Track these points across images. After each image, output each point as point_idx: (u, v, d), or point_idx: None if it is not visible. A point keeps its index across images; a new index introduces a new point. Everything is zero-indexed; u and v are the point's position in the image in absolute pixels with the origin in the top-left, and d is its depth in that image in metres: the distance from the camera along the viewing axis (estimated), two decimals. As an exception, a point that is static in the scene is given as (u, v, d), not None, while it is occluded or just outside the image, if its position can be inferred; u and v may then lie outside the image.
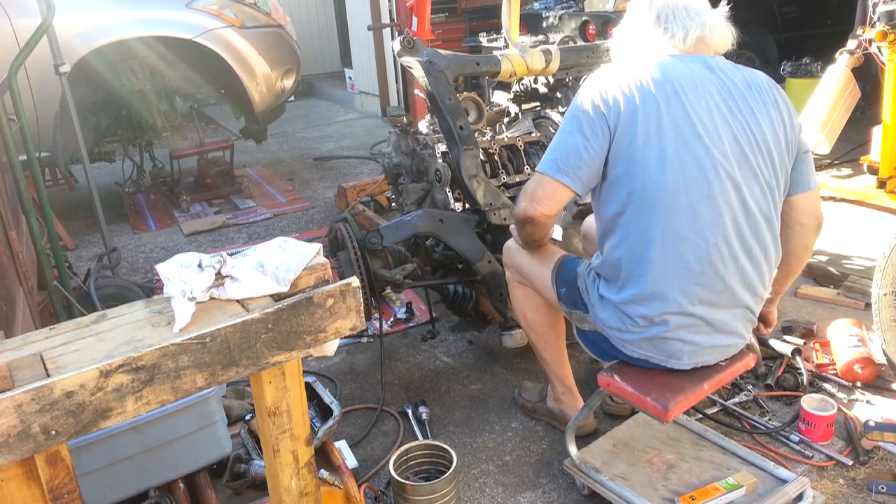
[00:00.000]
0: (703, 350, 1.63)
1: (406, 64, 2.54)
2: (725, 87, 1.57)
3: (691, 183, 1.51)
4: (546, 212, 1.65)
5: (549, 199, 1.63)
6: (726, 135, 1.53)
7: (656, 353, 1.64)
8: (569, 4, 6.00)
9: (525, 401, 2.28)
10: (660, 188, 1.51)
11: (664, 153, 1.50)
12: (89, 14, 3.95)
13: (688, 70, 1.56)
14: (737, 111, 1.55)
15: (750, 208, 1.55)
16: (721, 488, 1.74)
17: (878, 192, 3.69)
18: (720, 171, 1.51)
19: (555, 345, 2.04)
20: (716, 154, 1.51)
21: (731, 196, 1.53)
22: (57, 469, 0.93)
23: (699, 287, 1.56)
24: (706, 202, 1.51)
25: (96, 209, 3.24)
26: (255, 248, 1.15)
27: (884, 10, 3.36)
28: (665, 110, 1.51)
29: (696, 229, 1.52)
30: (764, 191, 1.57)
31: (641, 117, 1.51)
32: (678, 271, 1.55)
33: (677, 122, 1.51)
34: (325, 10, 9.69)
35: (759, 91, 1.60)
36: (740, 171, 1.53)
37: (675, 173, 1.50)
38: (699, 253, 1.54)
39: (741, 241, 1.56)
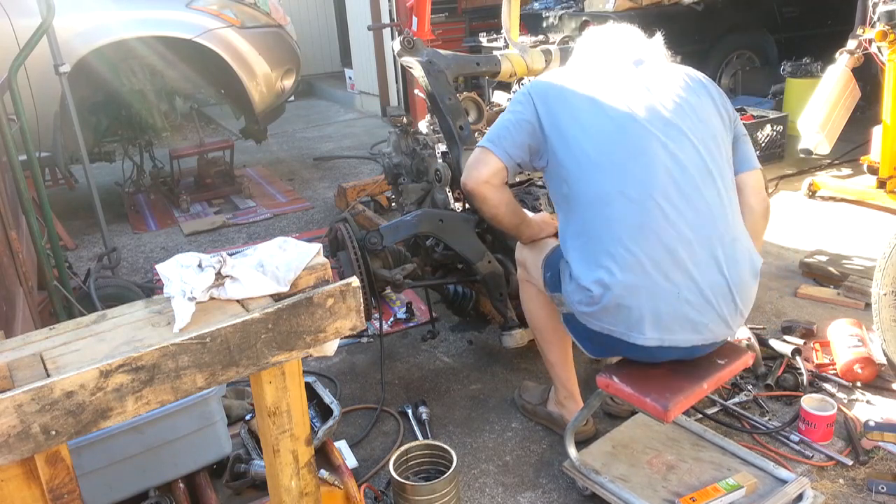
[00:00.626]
0: (668, 322, 1.58)
1: (406, 64, 2.54)
2: (650, 72, 1.74)
3: (615, 144, 1.63)
4: (475, 176, 1.77)
5: (476, 164, 1.79)
6: (651, 105, 1.66)
7: (616, 324, 1.62)
8: (569, 4, 6.00)
9: (525, 402, 2.28)
10: (585, 153, 1.65)
11: (587, 124, 1.67)
12: (89, 14, 3.95)
13: (611, 62, 1.79)
14: (662, 88, 1.70)
15: (683, 163, 1.61)
16: (721, 489, 1.74)
17: (878, 192, 3.69)
18: (643, 131, 1.62)
19: (559, 346, 2.04)
20: (637, 114, 1.64)
21: (659, 152, 1.61)
22: (57, 469, 0.93)
23: (643, 241, 1.58)
24: (633, 160, 1.61)
25: (96, 209, 3.24)
26: (255, 248, 1.15)
27: (884, 10, 3.36)
28: (587, 91, 1.70)
29: (626, 185, 1.60)
30: (697, 148, 1.64)
31: (565, 97, 1.71)
32: (617, 226, 1.59)
33: (599, 98, 1.68)
34: (325, 10, 9.69)
35: (686, 76, 1.75)
36: (666, 131, 1.63)
37: (597, 139, 1.65)
38: (635, 206, 1.59)
39: (681, 194, 1.60)
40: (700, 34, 5.44)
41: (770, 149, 4.61)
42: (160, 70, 4.43)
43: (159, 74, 4.48)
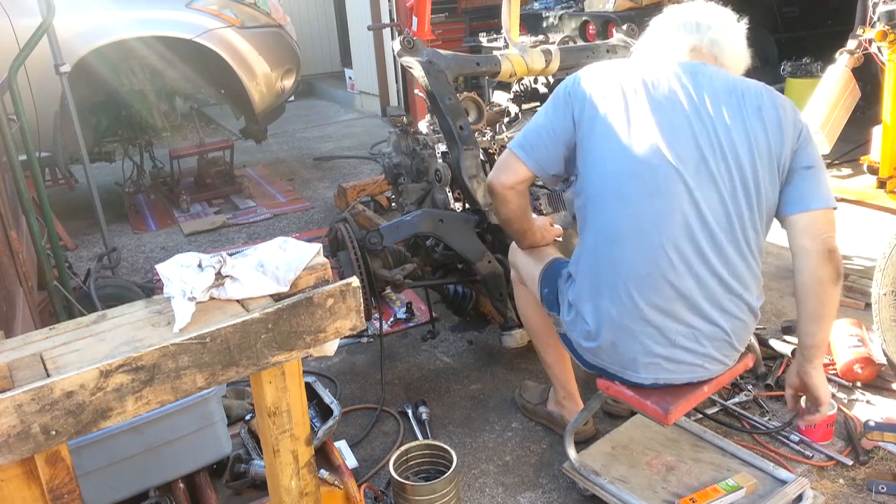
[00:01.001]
0: (663, 364, 1.57)
1: (406, 64, 2.54)
2: (700, 90, 1.52)
3: (637, 178, 1.50)
4: (503, 180, 1.69)
5: (505, 168, 1.69)
6: (686, 137, 1.48)
7: (611, 362, 1.62)
8: (569, 4, 6.00)
9: (525, 402, 2.28)
10: (606, 181, 1.54)
11: (615, 146, 1.52)
12: (89, 14, 3.95)
13: (665, 71, 1.55)
14: (705, 116, 1.50)
15: (705, 216, 1.48)
16: (721, 490, 1.74)
17: (878, 192, 3.68)
18: (670, 171, 1.47)
19: (556, 347, 2.02)
20: (668, 153, 1.48)
21: (681, 199, 1.47)
22: (57, 469, 0.93)
23: (647, 289, 1.51)
24: (652, 201, 1.49)
25: (96, 209, 3.24)
26: (255, 248, 1.15)
27: (884, 10, 3.36)
28: (626, 106, 1.52)
29: (640, 228, 1.50)
30: (724, 201, 1.48)
31: (602, 110, 1.54)
32: (623, 269, 1.53)
33: (635, 118, 1.51)
34: (325, 10, 9.69)
35: (741, 98, 1.52)
36: (696, 176, 1.48)
37: (621, 167, 1.51)
38: (644, 253, 1.50)
39: (696, 249, 1.49)
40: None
41: (770, 149, 4.60)
42: (160, 70, 4.43)
43: (159, 74, 4.48)
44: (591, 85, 1.58)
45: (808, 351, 1.58)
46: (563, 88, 1.64)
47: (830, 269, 1.49)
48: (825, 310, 1.53)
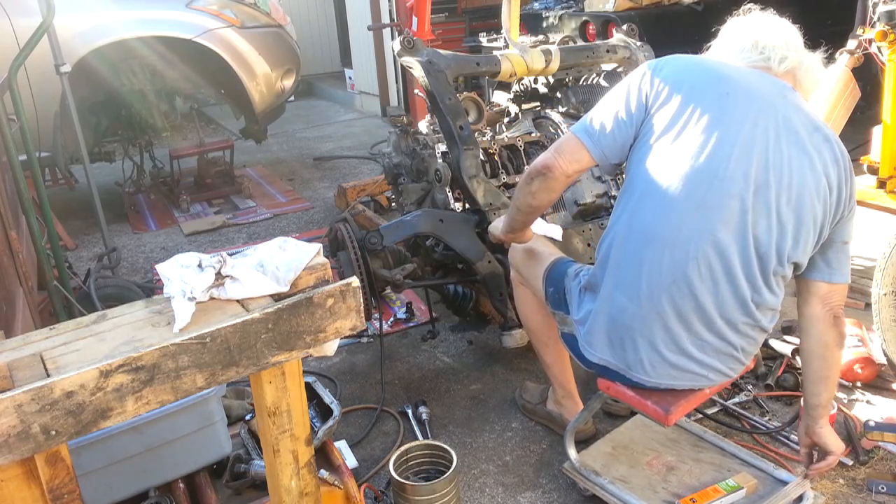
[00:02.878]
0: (669, 369, 1.56)
1: (406, 64, 2.53)
2: (787, 117, 1.45)
3: (691, 187, 1.43)
4: (564, 165, 1.58)
5: (569, 155, 1.58)
6: (759, 156, 1.42)
7: (617, 359, 1.60)
8: (569, 4, 5.99)
9: (525, 402, 2.28)
10: (657, 182, 1.47)
11: (680, 148, 1.44)
12: (89, 14, 3.95)
13: (756, 83, 1.48)
14: (784, 143, 1.43)
15: (748, 241, 1.44)
16: (721, 490, 1.74)
17: (878, 192, 3.68)
18: (730, 187, 1.42)
19: (555, 347, 2.02)
20: (735, 169, 1.41)
21: (731, 218, 1.43)
22: (57, 469, 0.93)
23: (669, 296, 1.49)
24: (698, 213, 1.44)
25: (96, 209, 3.24)
26: (255, 248, 1.15)
27: (884, 10, 3.36)
28: (705, 106, 1.44)
29: (678, 236, 1.46)
30: (771, 228, 1.44)
31: (679, 105, 1.45)
32: (650, 271, 1.50)
33: (710, 123, 1.43)
34: (325, 10, 9.69)
35: (823, 141, 1.46)
36: (753, 198, 1.42)
37: (679, 171, 1.44)
38: (676, 261, 1.47)
39: (727, 270, 1.46)
40: (700, 34, 5.41)
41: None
42: (160, 70, 4.43)
43: (159, 74, 4.48)
44: (676, 75, 1.48)
45: (815, 411, 1.62)
46: (641, 73, 1.53)
47: (836, 333, 1.56)
48: (830, 371, 1.59)
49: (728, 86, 1.46)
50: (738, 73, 1.51)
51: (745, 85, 1.47)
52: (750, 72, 1.52)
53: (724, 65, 1.53)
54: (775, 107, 1.46)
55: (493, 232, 2.01)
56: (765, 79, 1.50)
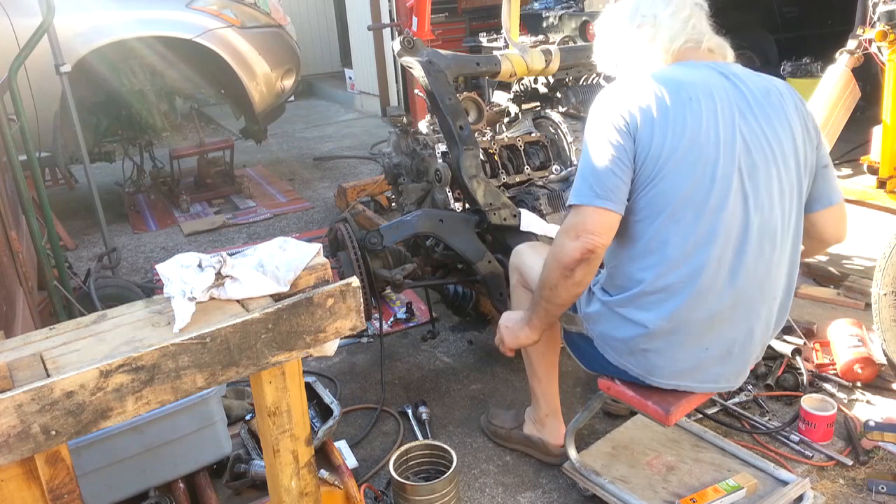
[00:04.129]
0: (689, 371, 1.57)
1: (406, 64, 2.53)
2: (741, 93, 1.50)
3: (700, 196, 1.45)
4: (605, 242, 1.50)
5: (601, 226, 1.48)
6: (739, 143, 1.46)
7: (637, 365, 1.59)
8: (569, 4, 6.00)
9: (497, 428, 2.14)
10: (670, 201, 1.46)
11: (678, 163, 1.45)
12: (89, 14, 3.95)
13: (701, 76, 1.50)
14: (752, 119, 1.48)
15: (752, 224, 1.48)
16: (722, 490, 1.74)
17: (878, 192, 3.68)
18: (730, 183, 1.45)
19: (549, 357, 1.96)
20: (726, 164, 1.45)
21: (737, 210, 1.47)
22: (57, 469, 0.93)
23: (690, 305, 1.49)
24: (712, 215, 1.46)
25: (96, 209, 3.24)
26: (255, 248, 1.15)
27: (884, 10, 3.36)
28: (681, 122, 1.45)
29: (697, 244, 1.46)
30: (773, 203, 1.49)
31: (659, 131, 1.46)
32: (674, 285, 1.49)
33: (691, 131, 1.45)
34: (325, 10, 9.70)
35: (780, 97, 1.52)
36: (750, 183, 1.47)
37: (685, 187, 1.45)
38: (691, 272, 1.48)
39: (739, 259, 1.49)
40: (700, 34, 5.43)
41: (770, 149, 4.61)
42: (160, 70, 4.44)
43: (159, 74, 4.49)
44: (637, 108, 1.48)
45: None
46: (608, 120, 1.50)
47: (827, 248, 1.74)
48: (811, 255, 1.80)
49: (688, 91, 1.48)
50: (685, 74, 1.52)
51: (700, 83, 1.49)
52: (692, 68, 1.53)
53: (668, 72, 1.53)
54: (727, 90, 1.49)
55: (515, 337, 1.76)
56: (705, 68, 1.53)
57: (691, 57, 1.57)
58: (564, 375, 2.43)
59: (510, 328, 1.78)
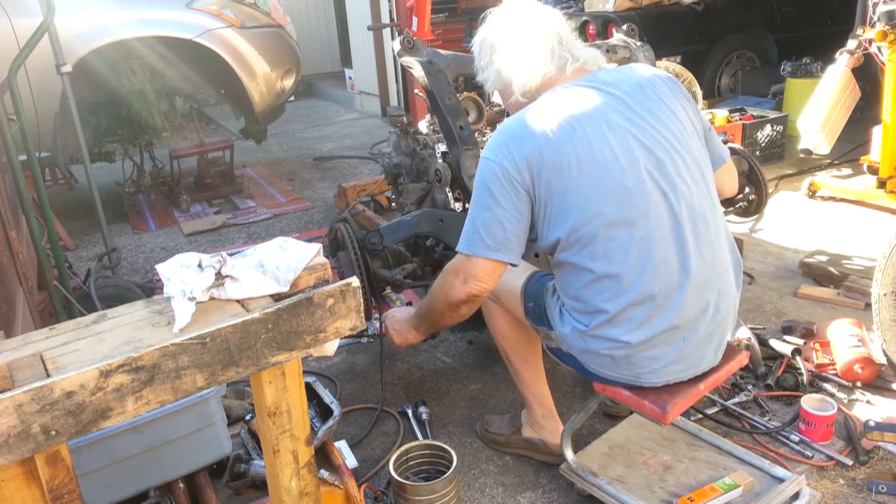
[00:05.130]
0: (672, 365, 1.58)
1: (406, 64, 2.53)
2: (618, 99, 1.53)
3: (622, 212, 1.48)
4: (488, 285, 1.59)
5: (494, 279, 1.58)
6: (637, 148, 1.50)
7: (625, 372, 1.60)
8: (569, 4, 6.00)
9: (495, 436, 2.12)
10: (591, 228, 1.49)
11: (587, 191, 1.48)
12: (89, 14, 3.95)
13: (577, 99, 1.54)
14: (637, 118, 1.52)
15: (681, 213, 1.51)
16: (718, 489, 1.74)
17: (878, 192, 3.69)
18: (644, 187, 1.49)
19: (533, 362, 1.95)
20: (633, 172, 1.48)
21: (662, 208, 1.50)
22: (57, 469, 0.93)
23: (658, 305, 1.52)
24: (640, 225, 1.49)
25: (96, 209, 3.24)
26: (255, 248, 1.15)
27: (884, 10, 3.37)
28: (571, 151, 1.48)
29: (640, 253, 1.49)
30: (689, 186, 1.53)
31: (554, 171, 1.48)
32: (634, 296, 1.51)
33: (587, 158, 1.48)
34: (325, 10, 9.69)
35: (653, 87, 1.58)
36: (662, 179, 1.50)
37: (602, 210, 1.48)
38: (646, 277, 1.50)
39: (682, 249, 1.52)
40: (700, 34, 5.44)
41: (770, 149, 4.61)
42: (160, 70, 4.43)
43: (159, 74, 4.48)
44: (526, 151, 1.50)
45: None
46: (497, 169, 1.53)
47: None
48: None
49: (568, 120, 1.50)
50: (561, 102, 1.55)
51: (577, 107, 1.53)
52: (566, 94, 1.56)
53: (545, 106, 1.55)
54: (605, 102, 1.53)
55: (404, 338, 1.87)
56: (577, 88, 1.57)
57: (559, 82, 1.59)
58: (563, 375, 2.43)
59: (398, 330, 1.89)
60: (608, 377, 1.64)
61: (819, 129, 3.66)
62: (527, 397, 2.00)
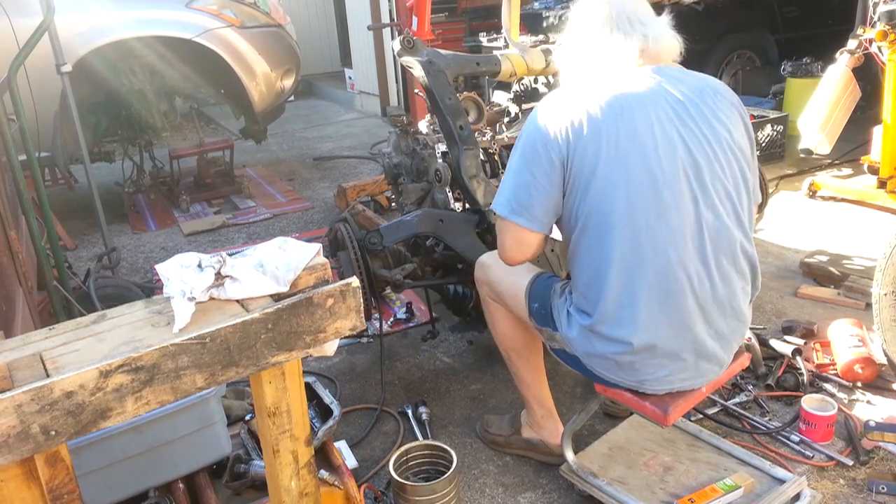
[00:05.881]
0: (679, 374, 1.58)
1: (406, 64, 2.53)
2: (674, 97, 1.52)
3: (647, 203, 1.47)
4: (520, 258, 1.62)
5: (518, 245, 1.60)
6: (679, 147, 1.49)
7: (628, 377, 1.60)
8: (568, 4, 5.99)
9: (495, 436, 2.12)
10: (615, 211, 1.48)
11: (616, 176, 1.47)
12: (89, 14, 3.95)
13: (634, 85, 1.53)
14: (689, 120, 1.51)
15: (709, 223, 1.50)
16: (719, 490, 1.74)
17: (878, 192, 3.69)
18: (675, 188, 1.47)
19: (534, 362, 1.95)
20: (667, 170, 1.47)
21: (689, 211, 1.49)
22: (57, 469, 0.93)
23: (667, 309, 1.51)
24: (663, 221, 1.47)
25: (96, 209, 3.23)
26: (255, 248, 1.15)
27: (884, 10, 3.36)
28: (613, 133, 1.47)
29: (656, 249, 1.48)
30: (722, 201, 1.52)
31: (591, 145, 1.48)
32: (644, 293, 1.50)
33: (627, 140, 1.47)
34: (325, 10, 9.69)
35: (714, 97, 1.56)
36: (697, 184, 1.49)
37: (628, 195, 1.47)
38: (662, 277, 1.49)
39: (703, 261, 1.51)
40: (700, 34, 5.43)
41: (770, 149, 4.61)
42: (160, 70, 4.43)
43: (159, 74, 4.48)
44: (568, 123, 1.50)
45: None
46: (535, 137, 1.54)
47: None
48: None
49: (620, 101, 1.50)
50: (620, 84, 1.54)
51: (634, 91, 1.52)
52: (630, 77, 1.55)
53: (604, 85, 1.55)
54: (662, 96, 1.52)
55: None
56: (636, 75, 1.56)
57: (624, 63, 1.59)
58: (564, 375, 2.43)
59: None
60: (611, 381, 1.64)
61: (819, 129, 3.66)
62: (527, 398, 2.00)
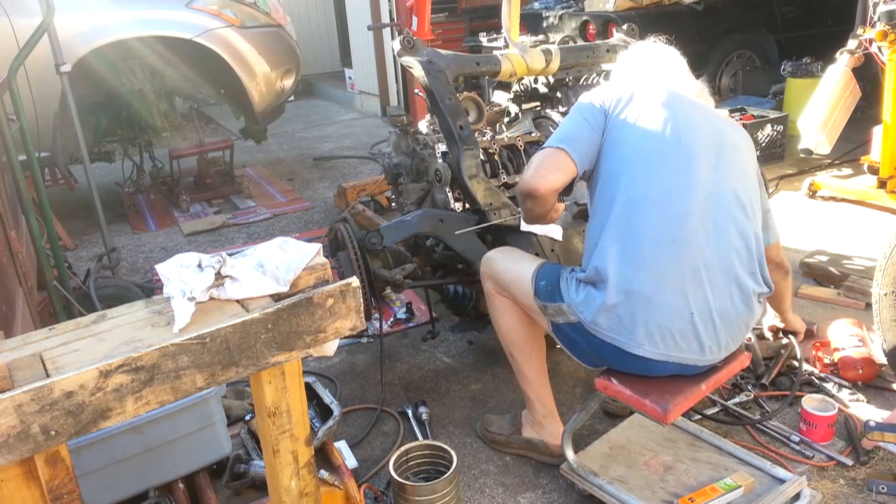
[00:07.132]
0: (677, 338, 1.60)
1: (406, 64, 2.53)
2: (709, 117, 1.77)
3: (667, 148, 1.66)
4: (550, 182, 1.71)
5: (555, 167, 1.71)
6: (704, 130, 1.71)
7: (625, 335, 1.61)
8: (569, 4, 6.00)
9: (495, 435, 2.12)
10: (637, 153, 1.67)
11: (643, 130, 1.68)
12: (89, 14, 3.95)
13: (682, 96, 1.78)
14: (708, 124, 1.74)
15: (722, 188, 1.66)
16: (719, 489, 1.74)
17: (878, 192, 3.69)
18: (693, 147, 1.66)
19: (537, 359, 1.95)
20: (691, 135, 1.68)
21: (703, 172, 1.65)
22: (57, 469, 0.93)
23: (673, 258, 1.59)
24: (680, 173, 1.64)
25: (96, 209, 3.23)
26: (255, 248, 1.15)
27: (884, 10, 3.36)
28: (651, 99, 1.71)
29: (671, 196, 1.63)
30: (737, 180, 1.69)
31: (632, 109, 1.71)
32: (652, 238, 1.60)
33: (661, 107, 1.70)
34: (325, 10, 9.70)
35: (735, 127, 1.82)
36: (715, 155, 1.68)
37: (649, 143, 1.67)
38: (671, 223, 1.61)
39: (714, 221, 1.63)
40: (700, 34, 5.44)
41: (770, 149, 4.61)
42: (160, 70, 4.43)
43: (159, 74, 4.48)
44: (620, 92, 1.76)
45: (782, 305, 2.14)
46: (592, 95, 1.79)
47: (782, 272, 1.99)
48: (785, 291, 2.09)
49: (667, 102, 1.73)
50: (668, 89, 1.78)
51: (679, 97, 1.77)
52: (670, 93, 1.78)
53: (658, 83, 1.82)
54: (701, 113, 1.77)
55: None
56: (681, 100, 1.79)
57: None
58: (564, 375, 2.43)
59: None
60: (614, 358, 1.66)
61: (819, 129, 3.66)
62: (529, 396, 2.00)
